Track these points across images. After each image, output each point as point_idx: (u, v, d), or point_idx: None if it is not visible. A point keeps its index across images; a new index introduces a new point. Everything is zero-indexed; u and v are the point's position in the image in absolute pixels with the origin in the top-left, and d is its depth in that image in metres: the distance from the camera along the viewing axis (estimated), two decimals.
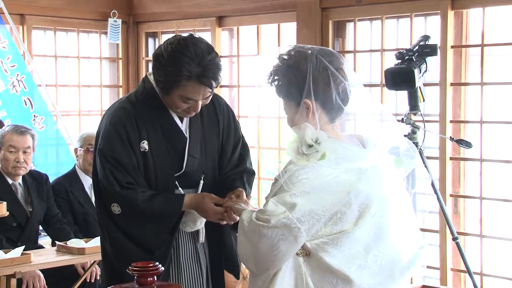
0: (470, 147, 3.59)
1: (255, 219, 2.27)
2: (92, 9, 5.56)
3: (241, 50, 5.26)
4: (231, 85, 5.38)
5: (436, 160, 4.16)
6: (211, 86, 2.71)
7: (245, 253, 2.34)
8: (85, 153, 4.48)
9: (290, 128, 2.40)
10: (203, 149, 2.92)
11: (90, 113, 5.86)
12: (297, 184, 2.24)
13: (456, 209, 4.26)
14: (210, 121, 2.97)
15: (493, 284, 4.16)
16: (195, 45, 2.66)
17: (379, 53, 4.42)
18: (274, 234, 2.23)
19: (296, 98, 2.33)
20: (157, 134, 2.83)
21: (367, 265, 2.25)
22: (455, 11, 4.13)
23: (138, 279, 2.41)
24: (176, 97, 2.72)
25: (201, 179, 2.91)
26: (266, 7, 4.92)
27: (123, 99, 2.93)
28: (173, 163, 2.84)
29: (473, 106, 4.20)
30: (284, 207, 2.23)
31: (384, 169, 2.34)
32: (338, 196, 2.24)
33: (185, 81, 2.65)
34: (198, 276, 2.96)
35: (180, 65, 2.64)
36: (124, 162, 2.76)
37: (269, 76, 2.37)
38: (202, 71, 2.65)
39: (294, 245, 2.25)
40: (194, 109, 2.77)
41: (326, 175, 2.24)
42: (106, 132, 2.78)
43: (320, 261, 2.25)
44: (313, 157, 2.27)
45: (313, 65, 2.31)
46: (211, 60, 2.67)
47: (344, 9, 4.52)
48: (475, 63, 4.18)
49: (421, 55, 3.51)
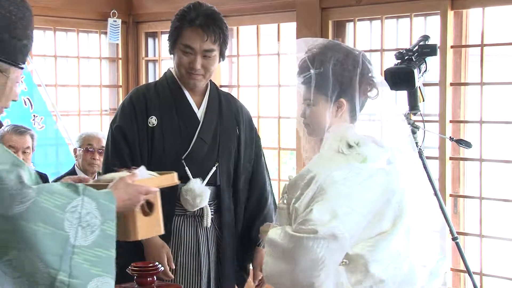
0: (470, 147, 3.58)
1: (294, 232, 2.09)
2: (92, 9, 5.56)
3: (241, 50, 5.25)
4: (231, 85, 5.37)
5: (436, 160, 4.16)
6: (207, 32, 2.89)
7: (279, 274, 2.14)
8: (84, 153, 4.47)
9: (302, 120, 2.34)
10: (217, 137, 2.97)
11: (90, 113, 5.85)
12: (337, 188, 2.13)
13: (455, 209, 4.26)
14: (230, 117, 3.06)
15: (493, 284, 4.16)
16: (197, 2, 3.00)
17: (378, 53, 4.43)
18: (320, 246, 2.06)
19: (331, 94, 2.27)
20: (170, 113, 2.96)
21: (400, 267, 2.20)
22: (454, 11, 4.13)
23: (138, 279, 2.41)
24: (179, 49, 2.94)
25: (212, 167, 2.94)
26: (266, 7, 4.92)
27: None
28: (183, 145, 2.90)
29: (473, 106, 4.20)
30: (329, 215, 2.09)
31: (402, 169, 2.31)
32: (377, 196, 2.18)
33: (185, 28, 2.92)
34: (196, 270, 2.96)
35: (181, 15, 2.95)
36: (126, 133, 2.91)
37: (314, 62, 2.28)
38: (196, 16, 2.91)
39: (340, 255, 2.13)
40: (193, 64, 2.90)
41: (363, 175, 2.19)
42: (118, 109, 3.05)
43: (361, 268, 2.17)
44: (353, 158, 2.20)
45: (360, 68, 2.30)
46: (208, 10, 2.95)
47: (344, 9, 4.52)
48: (474, 63, 4.18)
49: (420, 55, 3.50)
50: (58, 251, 1.90)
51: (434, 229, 2.39)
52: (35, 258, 1.88)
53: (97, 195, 2.02)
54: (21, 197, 1.88)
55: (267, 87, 5.11)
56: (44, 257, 1.88)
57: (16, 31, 2.05)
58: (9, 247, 1.89)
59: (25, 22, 2.08)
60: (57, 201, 1.94)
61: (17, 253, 1.89)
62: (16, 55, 2.07)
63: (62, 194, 1.96)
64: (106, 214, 2.01)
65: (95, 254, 1.96)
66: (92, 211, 1.98)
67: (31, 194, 1.90)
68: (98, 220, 1.98)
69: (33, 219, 1.89)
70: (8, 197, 1.87)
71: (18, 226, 1.88)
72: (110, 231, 2.00)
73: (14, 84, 2.10)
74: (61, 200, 1.94)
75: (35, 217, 1.89)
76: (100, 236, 1.98)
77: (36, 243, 1.88)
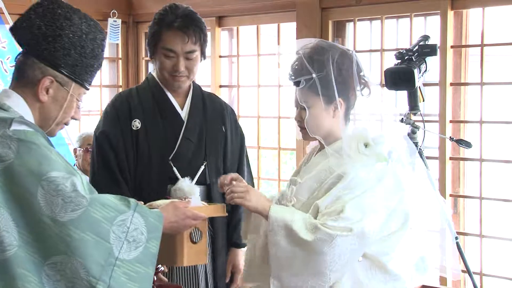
0: (470, 147, 3.58)
1: (326, 228, 2.13)
2: (92, 9, 5.55)
3: (241, 50, 5.25)
4: (231, 85, 5.37)
5: (436, 160, 4.16)
6: (188, 34, 2.88)
7: (292, 257, 2.17)
8: (84, 153, 4.48)
9: (300, 123, 2.37)
10: (203, 136, 2.98)
11: (90, 113, 5.85)
12: (364, 187, 2.19)
13: (455, 209, 4.25)
14: (215, 116, 3.07)
15: (493, 284, 4.16)
16: (173, 3, 2.97)
17: (378, 53, 4.42)
18: (348, 243, 2.12)
19: (331, 95, 2.28)
20: (153, 116, 2.96)
21: (407, 263, 2.29)
22: (454, 11, 4.13)
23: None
24: (160, 53, 2.92)
25: (201, 166, 2.95)
26: (265, 7, 4.92)
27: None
28: (169, 145, 2.92)
29: (473, 106, 4.19)
30: (360, 213, 2.15)
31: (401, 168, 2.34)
32: (393, 194, 2.24)
33: (164, 32, 2.90)
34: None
35: (159, 19, 2.93)
36: (110, 138, 2.91)
37: (314, 65, 2.27)
38: (174, 18, 2.90)
39: (360, 252, 2.19)
40: (177, 67, 2.89)
41: (384, 175, 2.24)
42: (101, 116, 3.07)
43: (377, 264, 2.23)
44: (375, 158, 2.24)
45: (356, 67, 2.32)
46: (186, 11, 2.93)
47: (344, 9, 4.52)
48: (474, 63, 4.18)
49: (420, 55, 3.50)
50: (101, 261, 1.97)
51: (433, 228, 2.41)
52: (78, 265, 1.96)
53: (147, 213, 2.09)
54: (74, 205, 1.97)
55: (267, 87, 5.11)
56: (88, 264, 1.96)
57: (84, 49, 2.14)
58: (56, 250, 1.96)
59: (96, 43, 2.17)
60: (107, 213, 2.01)
61: (63, 256, 1.96)
62: (80, 72, 2.15)
63: (113, 207, 2.03)
64: (153, 232, 2.07)
65: (135, 270, 2.02)
66: (139, 227, 2.05)
67: (83, 203, 1.98)
68: (143, 237, 2.05)
69: (82, 228, 1.97)
70: (61, 203, 1.96)
71: (67, 232, 1.95)
72: (153, 250, 2.06)
73: (74, 101, 2.17)
74: (111, 212, 2.02)
75: (84, 226, 1.97)
76: (143, 253, 2.04)
77: (82, 250, 1.96)
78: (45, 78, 2.11)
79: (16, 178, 1.97)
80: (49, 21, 2.11)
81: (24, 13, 2.16)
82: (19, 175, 1.97)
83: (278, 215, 2.21)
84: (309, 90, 2.29)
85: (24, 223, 1.96)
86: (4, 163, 1.97)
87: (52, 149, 2.07)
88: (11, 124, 2.02)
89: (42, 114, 2.15)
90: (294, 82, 2.32)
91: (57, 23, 2.10)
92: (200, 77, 5.43)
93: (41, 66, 2.12)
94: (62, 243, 1.95)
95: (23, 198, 1.96)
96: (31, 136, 2.02)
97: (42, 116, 2.15)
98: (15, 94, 2.13)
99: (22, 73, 2.15)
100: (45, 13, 2.12)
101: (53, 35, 2.10)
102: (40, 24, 2.11)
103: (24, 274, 1.93)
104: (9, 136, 2.00)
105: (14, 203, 1.96)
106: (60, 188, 1.97)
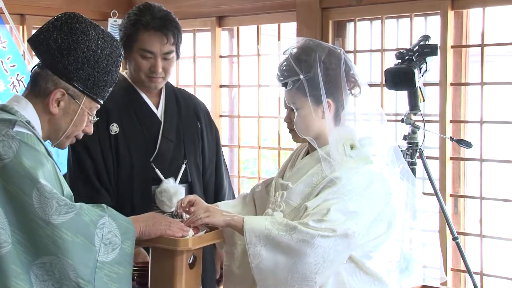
0: (470, 147, 3.59)
1: (308, 228, 2.09)
2: (92, 8, 5.55)
3: (241, 50, 5.25)
4: (231, 85, 5.37)
5: (436, 160, 4.16)
6: (166, 35, 2.85)
7: (274, 266, 2.12)
8: None
9: (289, 124, 2.34)
10: (181, 134, 2.97)
11: None
12: (350, 190, 2.17)
13: (456, 209, 4.25)
14: (189, 113, 3.05)
15: (493, 284, 4.16)
16: (147, 2, 2.94)
17: (379, 53, 4.42)
18: (331, 243, 2.09)
19: (319, 96, 2.25)
20: (130, 118, 2.92)
21: (391, 266, 2.31)
22: (455, 11, 4.13)
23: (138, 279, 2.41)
24: (137, 54, 2.88)
25: (182, 165, 2.94)
26: (266, 7, 4.92)
27: None
28: (149, 147, 2.90)
29: (473, 106, 4.19)
30: (343, 216, 2.13)
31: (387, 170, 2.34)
32: (380, 198, 2.22)
33: (141, 33, 2.86)
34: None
35: (134, 19, 2.88)
36: (87, 145, 2.85)
37: (301, 66, 2.25)
38: (151, 18, 2.86)
39: (346, 254, 2.18)
40: (154, 68, 2.87)
41: (370, 178, 2.23)
42: None
43: (361, 266, 2.23)
44: (361, 161, 2.22)
45: (345, 67, 2.28)
46: (162, 11, 2.90)
47: (344, 9, 4.51)
48: (475, 63, 4.18)
49: (421, 55, 3.51)
50: (89, 263, 2.01)
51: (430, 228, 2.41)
52: (68, 266, 1.99)
53: (117, 215, 2.14)
54: (68, 207, 2.01)
55: (267, 87, 5.10)
56: (77, 266, 1.99)
57: (98, 64, 2.16)
58: (46, 250, 1.98)
59: (110, 59, 2.19)
60: (93, 216, 2.06)
61: (53, 257, 1.99)
62: (93, 86, 2.16)
63: (95, 211, 2.08)
64: (125, 233, 2.11)
65: (115, 271, 2.07)
66: (113, 230, 2.09)
67: (76, 206, 2.03)
68: (118, 239, 2.09)
69: (73, 230, 2.00)
70: (56, 206, 1.99)
71: (59, 233, 1.98)
72: (128, 250, 2.11)
73: (85, 114, 2.19)
74: (95, 216, 2.06)
75: (76, 228, 2.01)
76: (120, 254, 2.08)
77: (73, 252, 1.99)
78: (57, 90, 2.14)
79: (13, 177, 1.99)
80: (66, 34, 2.13)
81: (43, 25, 2.18)
82: (16, 175, 1.99)
83: (253, 226, 2.16)
84: (297, 91, 2.26)
85: (16, 222, 1.98)
86: (2, 161, 1.99)
87: (49, 159, 2.10)
88: (15, 126, 2.05)
89: (52, 125, 2.17)
90: (282, 84, 2.30)
91: (73, 37, 2.13)
92: (200, 77, 5.45)
93: (54, 78, 2.14)
94: (53, 244, 1.97)
95: (18, 197, 1.98)
96: (32, 141, 2.05)
97: (52, 127, 2.17)
98: (25, 100, 2.15)
99: (35, 84, 2.17)
100: (63, 26, 2.14)
101: (68, 48, 2.12)
102: (57, 37, 2.13)
103: (17, 272, 1.96)
104: (12, 136, 2.02)
105: (9, 202, 1.98)
106: (54, 192, 2.01)
